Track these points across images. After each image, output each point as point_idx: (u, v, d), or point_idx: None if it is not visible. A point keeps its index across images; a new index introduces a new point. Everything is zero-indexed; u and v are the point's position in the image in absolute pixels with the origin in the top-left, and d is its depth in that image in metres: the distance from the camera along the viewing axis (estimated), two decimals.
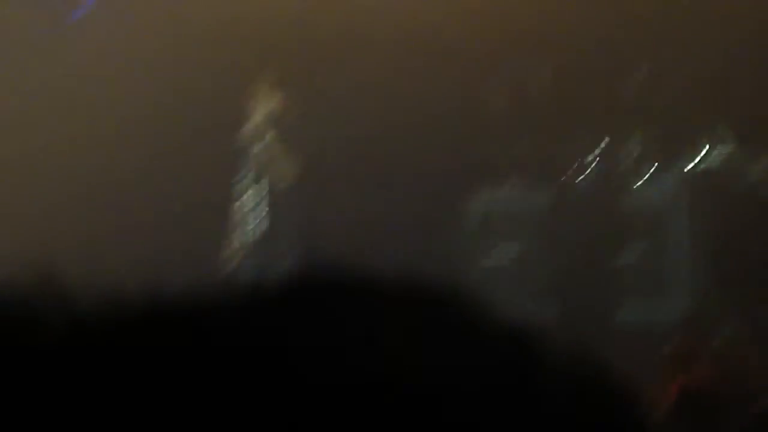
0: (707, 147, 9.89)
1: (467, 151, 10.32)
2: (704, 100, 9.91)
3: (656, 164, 9.93)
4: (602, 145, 10.03)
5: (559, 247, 9.74)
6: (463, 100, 10.36)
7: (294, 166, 8.61)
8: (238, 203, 8.75)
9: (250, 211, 8.67)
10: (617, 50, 10.15)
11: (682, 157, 9.92)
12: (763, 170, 9.69)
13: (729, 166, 9.80)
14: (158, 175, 10.15)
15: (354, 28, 10.02)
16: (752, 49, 9.77)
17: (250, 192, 8.66)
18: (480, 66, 10.33)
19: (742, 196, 9.62)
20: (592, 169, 10.04)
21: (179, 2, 10.19)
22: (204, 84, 10.08)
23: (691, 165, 9.89)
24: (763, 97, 9.71)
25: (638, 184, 9.90)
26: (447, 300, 0.94)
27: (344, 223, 10.23)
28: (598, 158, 10.05)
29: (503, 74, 10.48)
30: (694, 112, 9.97)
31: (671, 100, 10.11)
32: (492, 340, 0.93)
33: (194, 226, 9.98)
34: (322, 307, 0.91)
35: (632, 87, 10.18)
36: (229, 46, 10.01)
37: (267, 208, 8.63)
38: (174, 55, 10.18)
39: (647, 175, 9.92)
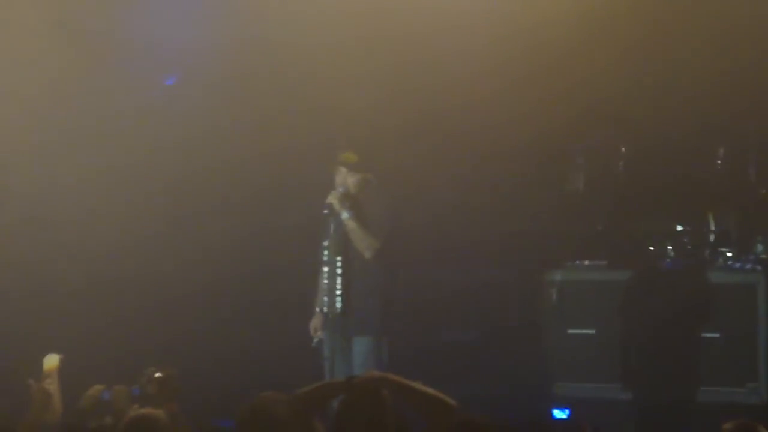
0: None
1: (546, 227, 10.41)
2: None
3: (733, 244, 9.94)
4: (681, 223, 10.07)
5: (639, 322, 9.76)
6: (541, 177, 10.45)
7: (372, 242, 8.74)
8: (320, 275, 8.90)
9: (331, 283, 8.80)
10: (695, 131, 10.19)
11: (758, 239, 9.92)
12: None
13: None
14: (240, 240, 10.38)
15: (430, 108, 10.18)
16: None
17: (330, 265, 8.80)
18: (559, 144, 10.42)
19: None
20: (671, 247, 10.07)
21: (263, 78, 10.45)
22: (286, 157, 10.31)
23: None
24: None
25: (717, 263, 9.92)
26: None
27: (423, 295, 10.35)
28: (676, 237, 10.08)
29: (583, 152, 10.56)
30: None
31: (748, 183, 10.13)
32: None
33: (277, 294, 10.19)
34: None
35: (710, 168, 10.22)
36: (310, 121, 10.23)
37: (346, 282, 8.76)
38: (260, 126, 10.42)
39: (725, 255, 9.93)
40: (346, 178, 8.80)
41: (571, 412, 9.39)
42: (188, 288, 10.46)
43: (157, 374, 7.10)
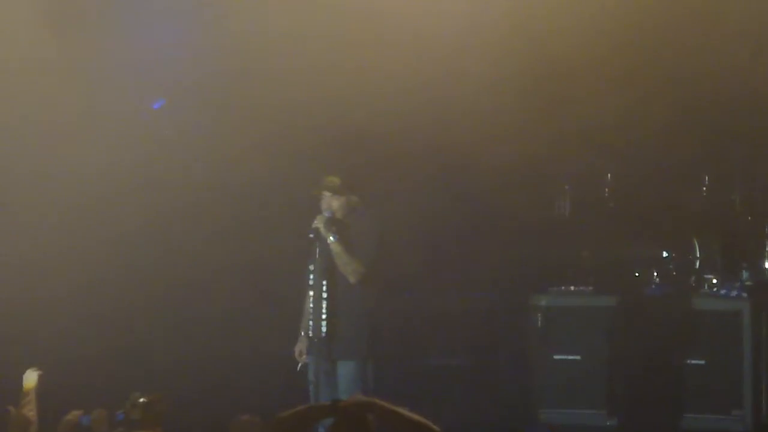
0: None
1: (533, 252, 10.41)
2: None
3: (719, 271, 9.95)
4: (667, 250, 10.09)
5: (624, 348, 9.76)
6: (528, 202, 10.46)
7: (357, 266, 8.72)
8: (306, 299, 8.89)
9: (316, 307, 8.79)
10: (681, 159, 10.22)
11: (743, 266, 9.94)
12: None
13: None
14: (225, 264, 10.36)
15: (415, 132, 10.18)
16: None
17: (316, 289, 8.79)
18: (546, 169, 10.44)
19: None
20: (656, 274, 10.08)
21: (247, 104, 10.45)
22: (273, 180, 10.30)
23: (753, 274, 9.91)
24: None
25: (702, 290, 9.93)
26: None
27: (409, 319, 10.34)
28: (662, 263, 10.10)
29: (569, 178, 10.58)
30: (755, 222, 10.00)
31: (733, 211, 10.15)
32: None
33: (262, 317, 10.16)
34: None
35: (696, 195, 10.24)
36: (295, 144, 10.24)
37: (331, 306, 8.74)
38: (250, 148, 10.41)
39: (710, 282, 9.94)
40: (330, 202, 8.81)
41: None
42: (174, 312, 10.43)
43: (142, 399, 7.06)
